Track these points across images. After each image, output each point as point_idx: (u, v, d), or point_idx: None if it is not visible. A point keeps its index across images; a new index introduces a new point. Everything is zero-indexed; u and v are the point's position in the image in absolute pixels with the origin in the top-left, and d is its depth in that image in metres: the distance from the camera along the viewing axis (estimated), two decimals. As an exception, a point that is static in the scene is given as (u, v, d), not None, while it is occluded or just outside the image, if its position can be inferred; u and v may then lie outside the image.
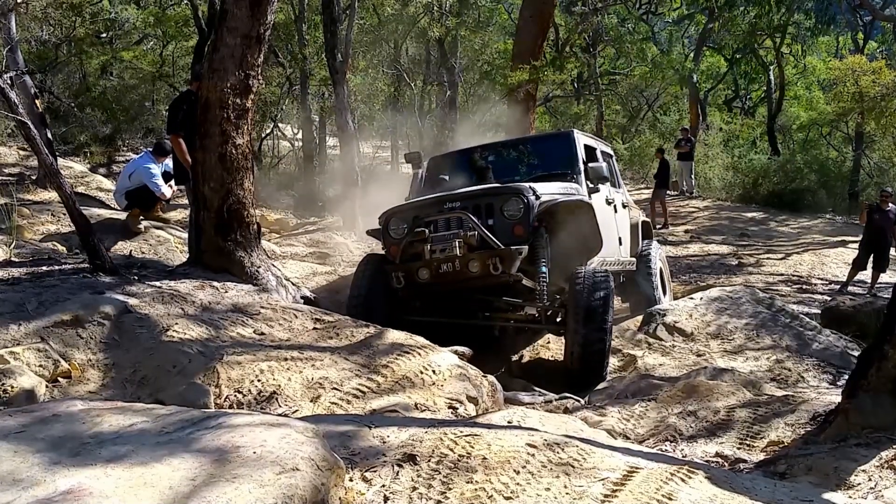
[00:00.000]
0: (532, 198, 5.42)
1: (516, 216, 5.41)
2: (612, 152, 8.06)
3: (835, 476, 2.86)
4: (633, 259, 7.55)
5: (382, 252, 6.12)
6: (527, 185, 5.63)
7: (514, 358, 6.38)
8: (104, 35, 14.49)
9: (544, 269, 5.37)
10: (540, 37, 14.33)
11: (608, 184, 6.71)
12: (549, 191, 5.69)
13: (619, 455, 2.51)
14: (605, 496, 2.12)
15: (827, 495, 2.42)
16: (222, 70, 4.78)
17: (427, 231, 5.38)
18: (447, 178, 6.68)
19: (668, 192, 15.82)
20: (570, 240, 5.79)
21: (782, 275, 11.28)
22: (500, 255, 5.16)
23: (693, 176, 18.52)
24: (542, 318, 5.61)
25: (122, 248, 6.71)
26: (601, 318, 5.24)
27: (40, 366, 3.52)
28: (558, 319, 5.72)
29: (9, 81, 4.61)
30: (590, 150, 6.84)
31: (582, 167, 6.35)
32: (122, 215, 7.36)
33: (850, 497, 2.51)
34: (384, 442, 2.39)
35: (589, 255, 5.94)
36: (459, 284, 5.42)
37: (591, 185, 6.27)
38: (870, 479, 2.77)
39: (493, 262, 5.16)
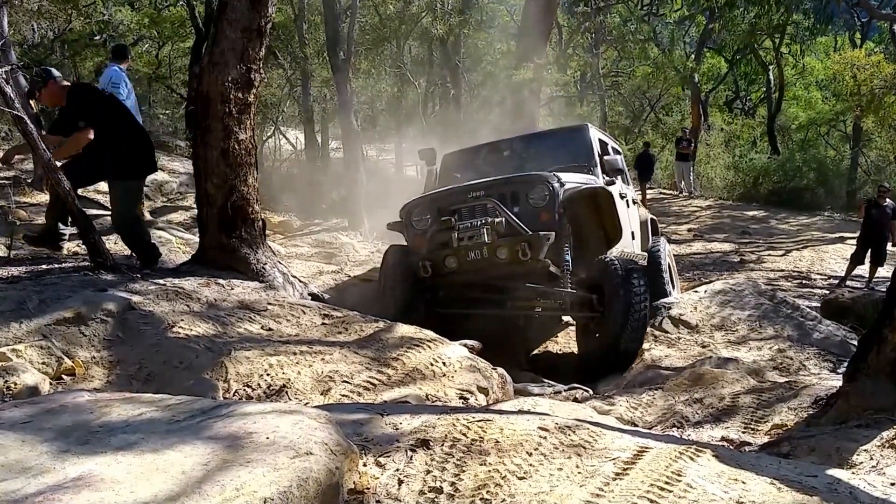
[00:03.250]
0: (557, 185, 5.42)
1: (541, 203, 5.41)
2: (620, 149, 8.09)
3: (837, 456, 2.90)
4: (644, 254, 7.60)
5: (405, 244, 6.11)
6: (551, 172, 5.62)
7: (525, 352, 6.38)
8: (98, 37, 14.43)
9: (568, 257, 5.37)
10: (544, 36, 14.39)
11: (620, 178, 6.73)
12: (571, 179, 5.69)
13: (629, 437, 2.53)
14: (617, 474, 2.13)
15: (831, 471, 2.45)
16: (223, 64, 4.75)
17: (453, 219, 5.36)
18: (459, 175, 6.64)
19: (648, 184, 15.95)
20: (591, 229, 5.80)
21: (783, 271, 11.40)
22: (529, 241, 5.16)
23: (693, 176, 18.62)
24: (568, 306, 5.59)
25: (123, 248, 6.68)
26: (641, 301, 5.26)
27: (43, 363, 3.49)
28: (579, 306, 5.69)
29: (3, 76, 4.56)
30: (602, 145, 6.86)
31: (598, 160, 6.36)
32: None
33: (853, 474, 2.52)
34: (397, 428, 2.39)
35: (608, 245, 5.94)
36: (487, 272, 5.42)
37: (607, 178, 6.26)
38: (871, 458, 2.81)
39: (522, 248, 5.15)
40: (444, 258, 5.38)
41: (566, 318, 6.77)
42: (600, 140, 6.85)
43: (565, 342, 6.48)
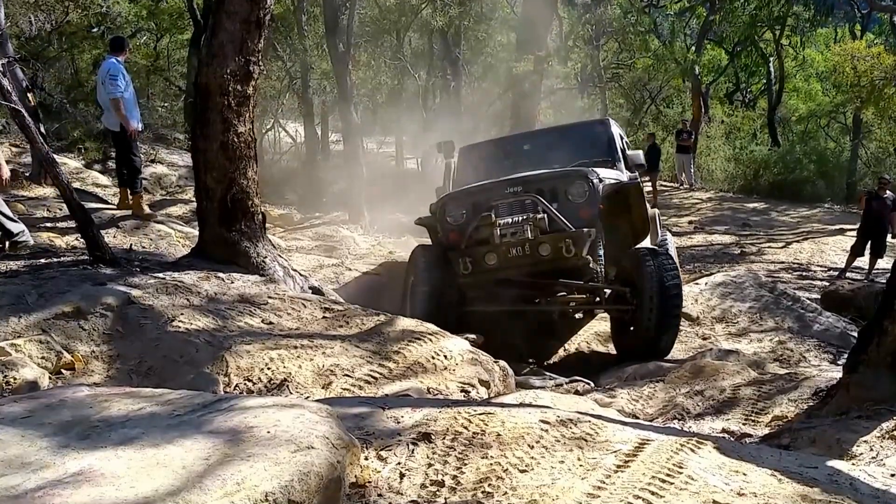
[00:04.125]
0: (596, 181, 5.41)
1: (580, 199, 5.40)
2: (629, 144, 8.10)
3: (837, 447, 2.92)
4: (656, 248, 7.60)
5: (429, 243, 6.06)
6: (590, 168, 5.60)
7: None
8: (96, 29, 14.36)
9: (601, 252, 5.40)
10: (544, 28, 14.36)
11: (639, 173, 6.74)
12: (606, 175, 5.69)
13: (631, 429, 2.54)
14: (618, 466, 2.14)
15: (831, 462, 2.48)
16: (222, 56, 4.70)
17: (493, 215, 5.29)
18: (479, 169, 6.57)
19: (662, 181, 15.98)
20: (621, 224, 5.78)
21: (783, 262, 11.41)
22: (573, 237, 5.15)
23: (694, 168, 18.60)
24: (604, 300, 5.64)
25: (122, 242, 6.67)
26: (676, 287, 5.28)
27: (43, 357, 3.48)
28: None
29: (0, 69, 4.53)
30: (621, 139, 6.86)
31: (620, 154, 6.35)
32: (120, 212, 7.30)
33: (853, 465, 2.53)
34: (398, 422, 2.38)
35: (636, 240, 5.93)
36: (527, 269, 5.38)
37: (630, 173, 6.25)
38: (871, 449, 2.83)
39: (566, 245, 5.13)
40: (485, 254, 5.31)
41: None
42: (620, 135, 6.85)
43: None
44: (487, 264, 5.33)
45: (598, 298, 5.70)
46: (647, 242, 7.25)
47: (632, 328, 5.53)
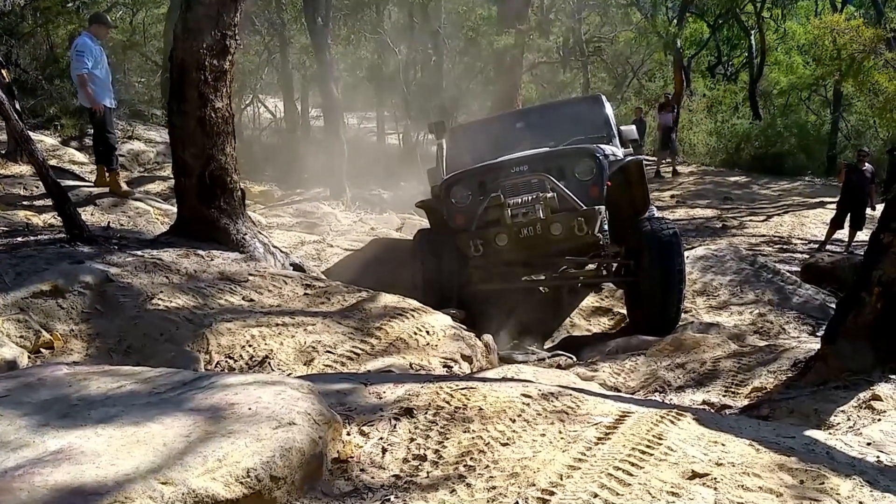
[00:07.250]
0: (602, 158, 5.39)
1: (588, 177, 5.37)
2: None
3: (815, 417, 2.98)
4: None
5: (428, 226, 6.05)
6: (595, 145, 5.59)
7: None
8: (71, 3, 14.00)
9: (605, 226, 5.39)
10: (525, 1, 14.22)
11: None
12: (609, 152, 5.68)
13: (612, 402, 2.56)
14: (599, 439, 2.16)
15: (808, 432, 2.51)
16: (198, 30, 4.63)
17: (501, 195, 5.23)
18: (472, 149, 6.50)
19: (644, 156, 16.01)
20: (623, 200, 5.78)
21: (764, 236, 11.50)
22: (584, 215, 5.13)
23: (676, 142, 18.64)
24: (609, 273, 5.70)
25: (100, 219, 6.58)
26: (678, 258, 5.31)
27: (21, 336, 3.45)
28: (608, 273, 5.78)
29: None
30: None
31: (615, 130, 6.33)
32: (97, 189, 7.18)
33: (830, 434, 2.58)
34: (380, 398, 2.39)
35: (636, 216, 5.92)
36: (538, 248, 5.35)
37: (625, 149, 6.24)
38: (848, 419, 2.89)
39: (578, 224, 5.11)
40: (495, 236, 5.27)
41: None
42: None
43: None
44: (498, 245, 5.28)
45: (604, 272, 5.74)
46: None
47: (641, 300, 5.58)
